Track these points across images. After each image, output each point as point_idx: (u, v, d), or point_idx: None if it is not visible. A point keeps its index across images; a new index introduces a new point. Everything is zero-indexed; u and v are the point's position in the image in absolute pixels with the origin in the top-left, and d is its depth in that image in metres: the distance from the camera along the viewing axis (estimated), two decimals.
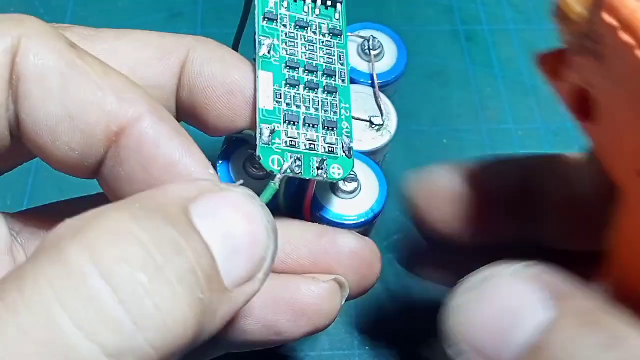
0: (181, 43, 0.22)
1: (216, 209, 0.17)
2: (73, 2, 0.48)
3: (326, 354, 0.36)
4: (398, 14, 0.49)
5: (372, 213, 0.26)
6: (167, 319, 0.14)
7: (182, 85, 0.22)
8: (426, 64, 0.47)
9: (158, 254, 0.15)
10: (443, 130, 0.44)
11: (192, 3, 0.49)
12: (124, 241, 0.14)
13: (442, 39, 0.48)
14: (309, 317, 0.21)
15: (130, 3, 0.48)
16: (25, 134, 0.19)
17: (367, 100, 0.29)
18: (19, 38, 0.18)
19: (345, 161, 0.24)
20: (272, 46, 0.23)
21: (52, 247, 0.14)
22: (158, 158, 0.19)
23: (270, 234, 0.18)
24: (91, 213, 0.16)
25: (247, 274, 0.17)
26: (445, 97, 0.46)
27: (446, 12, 0.50)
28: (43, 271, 0.14)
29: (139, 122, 0.19)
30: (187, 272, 0.15)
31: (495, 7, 0.50)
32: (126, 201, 0.16)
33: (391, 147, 0.43)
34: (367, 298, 0.38)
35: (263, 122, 0.22)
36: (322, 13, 0.25)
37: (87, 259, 0.14)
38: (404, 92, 0.46)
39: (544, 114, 0.45)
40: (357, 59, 0.30)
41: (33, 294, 0.13)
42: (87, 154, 0.19)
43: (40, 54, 0.18)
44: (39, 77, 0.18)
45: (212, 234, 0.16)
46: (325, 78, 0.24)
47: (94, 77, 0.18)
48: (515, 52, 0.48)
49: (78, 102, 0.18)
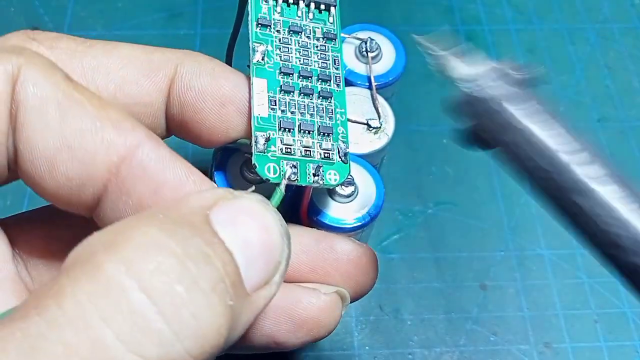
0: (168, 58, 0.22)
1: (234, 216, 0.17)
2: (73, 2, 0.48)
3: (326, 354, 0.36)
4: (398, 14, 0.49)
5: (369, 216, 0.26)
6: (204, 327, 0.15)
7: (171, 100, 0.22)
8: (426, 64, 0.47)
9: (191, 264, 0.15)
10: (443, 130, 0.44)
11: (192, 3, 0.49)
12: (159, 253, 0.15)
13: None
14: (309, 328, 0.21)
15: (130, 3, 0.48)
16: (21, 165, 0.19)
17: (365, 102, 0.28)
18: (18, 67, 0.18)
19: (341, 167, 0.23)
20: (265, 52, 0.23)
21: (86, 261, 0.15)
22: (167, 180, 0.19)
23: (284, 239, 0.18)
24: (120, 226, 0.16)
25: (265, 278, 0.18)
26: (445, 97, 0.46)
27: (446, 12, 0.50)
28: (81, 286, 0.14)
29: (138, 149, 0.19)
30: (217, 280, 0.16)
31: (495, 7, 0.50)
32: (150, 213, 0.17)
33: (391, 147, 0.43)
34: (367, 298, 0.38)
35: (258, 129, 0.22)
36: (315, 17, 0.25)
37: (124, 272, 0.14)
38: (404, 92, 0.46)
39: None
40: (355, 60, 0.30)
41: (74, 310, 0.14)
42: (85, 185, 0.19)
43: (38, 84, 0.18)
44: (38, 107, 0.18)
45: (233, 242, 0.17)
46: (320, 83, 0.24)
47: (91, 108, 0.19)
48: (515, 52, 0.48)
49: (77, 132, 0.18)
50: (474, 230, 0.40)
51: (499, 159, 0.19)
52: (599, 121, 0.45)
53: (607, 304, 0.38)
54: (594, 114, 0.45)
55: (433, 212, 0.41)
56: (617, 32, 0.49)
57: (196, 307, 0.15)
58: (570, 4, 0.51)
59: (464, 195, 0.42)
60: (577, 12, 0.50)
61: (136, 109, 0.22)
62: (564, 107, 0.45)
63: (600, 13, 0.51)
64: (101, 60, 0.21)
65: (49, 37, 0.21)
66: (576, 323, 0.37)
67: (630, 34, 0.49)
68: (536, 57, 0.48)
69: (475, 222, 0.40)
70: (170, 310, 0.14)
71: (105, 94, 0.21)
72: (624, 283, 0.18)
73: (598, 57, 0.48)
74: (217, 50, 0.27)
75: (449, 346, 0.36)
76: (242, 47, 0.25)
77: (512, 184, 0.42)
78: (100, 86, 0.21)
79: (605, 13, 0.51)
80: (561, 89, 0.46)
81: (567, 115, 0.19)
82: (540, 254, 0.40)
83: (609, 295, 0.38)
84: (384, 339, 0.37)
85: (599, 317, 0.38)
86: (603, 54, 0.48)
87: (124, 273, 0.14)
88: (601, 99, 0.46)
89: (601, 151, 0.18)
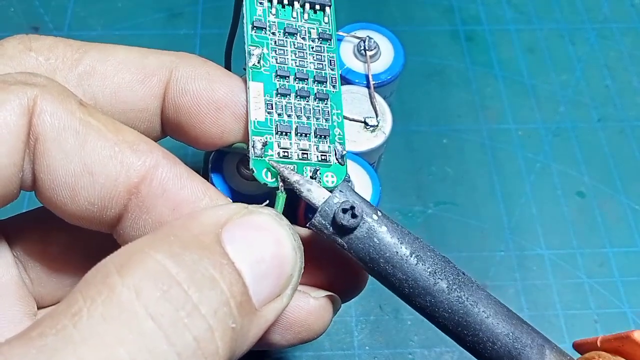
0: (163, 63, 0.22)
1: (246, 232, 0.18)
2: (73, 2, 0.48)
3: (326, 354, 0.36)
4: (398, 14, 0.49)
5: None
6: (204, 349, 0.16)
7: (166, 104, 0.22)
8: (426, 63, 0.47)
9: (194, 291, 0.16)
10: (443, 130, 0.44)
11: (192, 3, 0.49)
12: (164, 282, 0.16)
13: (442, 39, 0.48)
14: (297, 331, 0.21)
15: (130, 3, 0.48)
16: (43, 192, 0.19)
17: (362, 101, 0.29)
18: (34, 99, 0.19)
19: (338, 169, 0.23)
20: (261, 55, 0.23)
21: (101, 283, 0.16)
22: (186, 197, 0.20)
23: (297, 252, 0.19)
24: (132, 248, 0.17)
25: (275, 291, 0.18)
26: (445, 97, 0.46)
27: (446, 12, 0.50)
28: (96, 308, 0.15)
29: (157, 170, 0.20)
30: (220, 304, 0.16)
31: (495, 7, 0.50)
32: (163, 234, 0.17)
33: (391, 147, 0.43)
34: (367, 298, 0.38)
35: (255, 134, 0.22)
36: (310, 17, 0.25)
37: (135, 299, 0.15)
38: (404, 92, 0.46)
39: (544, 114, 0.45)
40: (353, 59, 0.30)
41: (89, 329, 0.15)
42: (107, 207, 0.20)
43: (55, 113, 0.19)
44: (57, 136, 0.19)
45: (243, 259, 0.17)
46: (316, 85, 0.24)
47: (108, 133, 0.19)
48: (515, 52, 0.48)
49: (96, 158, 0.19)
50: (474, 230, 0.40)
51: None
52: (599, 121, 0.45)
53: (607, 304, 0.38)
54: (594, 114, 0.45)
55: (433, 212, 0.41)
56: (617, 32, 0.49)
57: (198, 330, 0.16)
58: (570, 4, 0.51)
59: (464, 195, 0.42)
60: (577, 12, 0.50)
61: (132, 114, 0.22)
62: (564, 107, 0.46)
63: (600, 13, 0.51)
64: (96, 66, 0.21)
65: (45, 45, 0.21)
66: (576, 323, 0.37)
67: (630, 34, 0.49)
68: (536, 57, 0.48)
69: (475, 222, 0.40)
70: (174, 334, 0.15)
71: (101, 100, 0.21)
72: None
73: (598, 57, 0.48)
74: (217, 50, 0.27)
75: (449, 346, 0.36)
76: (240, 48, 0.25)
77: (512, 184, 0.42)
78: (96, 93, 0.21)
79: (605, 13, 0.51)
80: (561, 89, 0.46)
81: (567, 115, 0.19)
82: (540, 254, 0.40)
83: (609, 295, 0.38)
84: (384, 339, 0.37)
85: (599, 317, 0.38)
86: (603, 54, 0.48)
87: (135, 299, 0.15)
88: (601, 99, 0.46)
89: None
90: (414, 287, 0.20)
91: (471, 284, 0.20)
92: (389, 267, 0.20)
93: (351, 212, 0.19)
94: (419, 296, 0.20)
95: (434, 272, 0.20)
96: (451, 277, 0.20)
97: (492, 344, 0.20)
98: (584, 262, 0.39)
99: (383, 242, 0.20)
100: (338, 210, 0.19)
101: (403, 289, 0.20)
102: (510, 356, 0.20)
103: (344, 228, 0.19)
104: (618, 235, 0.40)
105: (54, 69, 0.21)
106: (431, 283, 0.20)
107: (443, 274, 0.20)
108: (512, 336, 0.20)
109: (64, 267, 0.22)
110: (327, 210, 0.20)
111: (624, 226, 0.41)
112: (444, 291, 0.20)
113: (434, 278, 0.20)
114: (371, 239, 0.20)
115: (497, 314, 0.20)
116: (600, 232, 0.40)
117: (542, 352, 0.20)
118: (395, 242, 0.20)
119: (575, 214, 0.41)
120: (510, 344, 0.20)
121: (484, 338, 0.20)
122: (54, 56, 0.21)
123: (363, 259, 0.20)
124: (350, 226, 0.19)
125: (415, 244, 0.20)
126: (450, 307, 0.20)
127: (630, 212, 0.41)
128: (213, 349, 0.16)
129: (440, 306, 0.20)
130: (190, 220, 0.18)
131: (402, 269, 0.20)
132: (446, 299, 0.20)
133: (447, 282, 0.20)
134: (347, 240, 0.20)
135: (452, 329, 0.20)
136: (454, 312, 0.20)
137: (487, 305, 0.20)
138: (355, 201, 0.20)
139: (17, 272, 0.21)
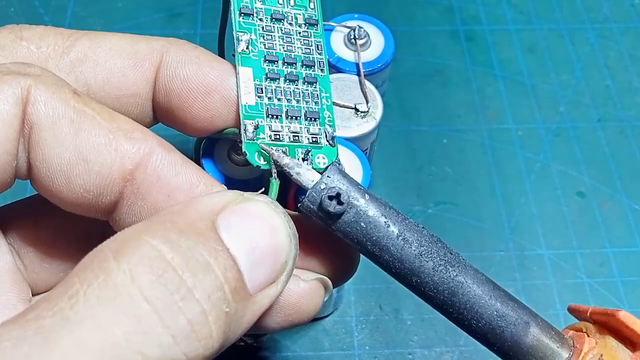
0: (154, 48, 0.22)
1: (241, 220, 0.18)
2: (73, 2, 0.48)
3: (326, 354, 0.36)
4: (398, 14, 0.49)
5: None
6: (198, 332, 0.16)
7: (157, 89, 0.22)
8: (426, 63, 0.47)
9: (189, 276, 0.16)
10: (443, 130, 0.44)
11: (192, 3, 0.49)
12: (159, 266, 0.16)
13: (442, 39, 0.48)
14: (287, 314, 0.22)
15: (130, 3, 0.48)
16: (39, 180, 0.19)
17: (353, 88, 0.29)
18: (27, 88, 0.19)
19: (329, 150, 0.24)
20: (250, 41, 0.23)
21: (98, 268, 0.16)
22: (180, 184, 0.20)
23: (291, 239, 0.19)
24: (129, 234, 0.17)
25: (270, 278, 0.19)
26: (445, 97, 0.46)
27: (446, 12, 0.50)
28: (92, 291, 0.16)
29: (151, 157, 0.20)
30: (214, 289, 0.17)
31: (495, 7, 0.50)
32: (159, 220, 0.18)
33: (391, 147, 0.43)
34: (367, 298, 0.38)
35: (246, 117, 0.22)
36: (296, 3, 0.25)
37: (130, 282, 0.16)
38: (404, 92, 0.46)
39: (544, 114, 0.45)
40: (344, 48, 0.30)
41: (85, 311, 0.15)
42: (102, 194, 0.20)
43: (49, 102, 0.19)
44: (51, 126, 0.19)
45: (238, 246, 0.18)
46: (304, 69, 0.24)
47: (102, 121, 0.19)
48: (515, 52, 0.48)
49: (91, 146, 0.19)
50: (474, 230, 0.40)
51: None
52: (599, 121, 0.45)
53: (607, 304, 0.38)
54: (594, 114, 0.45)
55: (433, 212, 0.41)
56: (617, 32, 0.49)
57: (192, 314, 0.16)
58: (570, 4, 0.51)
59: (464, 195, 0.42)
60: (577, 12, 0.50)
61: (124, 99, 0.22)
62: (564, 107, 0.46)
63: (600, 13, 0.51)
64: (88, 53, 0.22)
65: (36, 34, 0.21)
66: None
67: (630, 34, 0.49)
68: (536, 57, 0.48)
69: (475, 222, 0.41)
70: (169, 317, 0.16)
71: (93, 87, 0.22)
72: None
73: (598, 57, 0.48)
74: (217, 50, 0.27)
75: (449, 346, 0.36)
76: (228, 43, 0.26)
77: (512, 184, 0.42)
78: (88, 80, 0.22)
79: (605, 13, 0.51)
80: (561, 89, 0.46)
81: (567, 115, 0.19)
82: (540, 254, 0.40)
83: (609, 295, 0.38)
84: (384, 339, 0.37)
85: None
86: (603, 54, 0.48)
87: (130, 282, 0.16)
88: (601, 99, 0.46)
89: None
90: (400, 269, 0.21)
91: (458, 263, 0.21)
92: (376, 249, 0.20)
93: (337, 199, 0.20)
94: (405, 277, 0.21)
95: (420, 254, 0.20)
96: (437, 258, 0.21)
97: (476, 321, 0.21)
98: (584, 262, 0.39)
99: (370, 225, 0.20)
100: (324, 197, 0.20)
101: (391, 269, 0.21)
102: (494, 333, 0.20)
103: (331, 214, 0.20)
104: (618, 235, 0.40)
105: (46, 57, 0.21)
106: (417, 264, 0.20)
107: (429, 255, 0.21)
108: (497, 314, 0.21)
109: (56, 252, 0.23)
110: (315, 196, 0.20)
111: (624, 226, 0.41)
112: (429, 272, 0.20)
113: (420, 259, 0.20)
114: (358, 222, 0.20)
115: (483, 292, 0.21)
116: (600, 232, 0.41)
117: (526, 328, 0.21)
118: (383, 224, 0.20)
119: (575, 214, 0.41)
120: (494, 322, 0.20)
121: (469, 316, 0.21)
122: (45, 44, 0.21)
123: (351, 241, 0.20)
124: (337, 212, 0.20)
125: (404, 224, 0.20)
126: (436, 287, 0.20)
127: (630, 212, 0.41)
128: (207, 332, 0.16)
129: (426, 286, 0.21)
130: (186, 207, 0.18)
131: (388, 251, 0.20)
132: (431, 280, 0.20)
133: (433, 263, 0.20)
134: (335, 224, 0.20)
135: (439, 306, 0.21)
136: (439, 291, 0.21)
137: (474, 284, 0.21)
138: (342, 187, 0.20)
139: (11, 258, 0.21)
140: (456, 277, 0.21)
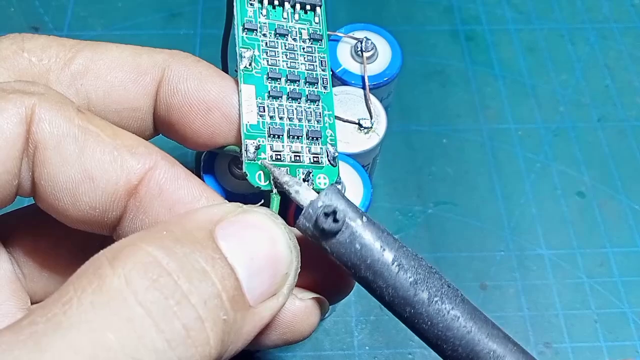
0: (156, 61, 0.22)
1: (240, 230, 0.18)
2: (73, 2, 0.48)
3: (326, 354, 0.36)
4: (398, 14, 0.49)
5: None
6: (194, 338, 0.16)
7: (158, 103, 0.22)
8: (426, 63, 0.47)
9: (184, 281, 0.16)
10: (443, 130, 0.44)
11: (192, 3, 0.49)
12: (154, 271, 0.16)
13: (442, 39, 0.48)
14: (282, 332, 0.21)
15: (130, 3, 0.48)
16: (44, 199, 0.20)
17: (357, 102, 0.28)
18: (32, 107, 0.19)
19: (330, 170, 0.24)
20: (252, 57, 0.23)
21: (92, 274, 0.16)
22: (182, 198, 0.20)
23: (292, 251, 0.19)
24: (124, 242, 0.17)
25: (270, 289, 0.18)
26: (445, 97, 0.46)
27: (446, 12, 0.50)
28: (86, 296, 0.15)
29: (154, 171, 0.20)
30: (210, 296, 0.16)
31: (495, 7, 0.50)
32: (156, 229, 0.18)
33: (391, 147, 0.43)
34: (367, 298, 0.38)
35: (248, 137, 0.22)
36: (301, 18, 0.24)
37: (124, 286, 0.16)
38: (404, 92, 0.46)
39: (544, 114, 0.45)
40: (350, 60, 0.29)
41: (79, 315, 0.15)
42: (108, 210, 0.20)
43: (54, 121, 0.19)
44: (56, 144, 0.19)
45: (237, 255, 0.18)
46: (307, 86, 0.24)
47: (106, 138, 0.19)
48: (515, 52, 0.48)
49: (97, 163, 0.19)
50: (474, 230, 0.40)
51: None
52: (599, 121, 0.45)
53: (607, 304, 0.38)
54: (594, 114, 0.45)
55: (433, 212, 0.41)
56: (617, 32, 0.49)
57: (187, 319, 0.16)
58: (570, 4, 0.51)
59: (464, 195, 0.42)
60: (577, 12, 0.50)
61: (125, 113, 0.22)
62: (564, 107, 0.46)
63: (600, 13, 0.51)
64: (89, 66, 0.21)
65: (38, 45, 0.21)
66: (576, 323, 0.37)
67: (630, 34, 0.49)
68: (536, 57, 0.48)
69: (475, 222, 0.40)
70: (163, 321, 0.16)
71: (94, 99, 0.21)
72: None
73: (598, 57, 0.48)
74: (217, 50, 0.27)
75: None
76: (231, 54, 0.25)
77: (512, 184, 0.42)
78: (89, 92, 0.21)
79: (605, 13, 0.51)
80: (561, 89, 0.46)
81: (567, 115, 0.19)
82: (540, 254, 0.40)
83: (609, 295, 0.38)
84: (384, 339, 0.37)
85: (599, 317, 0.38)
86: (603, 54, 0.48)
87: (125, 287, 0.16)
88: (601, 99, 0.46)
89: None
90: (393, 296, 0.20)
91: (455, 297, 0.20)
92: (370, 273, 0.20)
93: (333, 217, 0.19)
94: (398, 305, 0.20)
95: (416, 282, 0.20)
96: (434, 289, 0.20)
97: None
98: (584, 262, 0.39)
99: (365, 248, 0.20)
100: (320, 214, 0.19)
101: (383, 297, 0.20)
102: None
103: (326, 232, 0.19)
104: (618, 235, 0.40)
105: (47, 69, 0.21)
106: (411, 293, 0.20)
107: (425, 284, 0.20)
108: (493, 355, 0.20)
109: (55, 262, 0.23)
110: (311, 213, 0.20)
111: (624, 226, 0.41)
112: (424, 302, 0.20)
113: (415, 288, 0.20)
114: (353, 244, 0.20)
115: (480, 330, 0.20)
116: (600, 232, 0.41)
117: None
118: (378, 249, 0.20)
119: (575, 214, 0.41)
120: None
121: (463, 354, 0.20)
122: (46, 56, 0.21)
123: (345, 263, 0.20)
124: (331, 230, 0.19)
125: (401, 251, 0.20)
126: (430, 320, 0.20)
127: (630, 212, 0.41)
128: (204, 339, 0.16)
129: (420, 318, 0.20)
130: (185, 217, 0.18)
131: (382, 277, 0.20)
132: (426, 311, 0.19)
133: (428, 293, 0.19)
134: (330, 244, 0.20)
135: (432, 341, 0.20)
136: (433, 324, 0.20)
137: (471, 320, 0.20)
138: (339, 205, 0.20)
139: (10, 267, 0.21)
140: (452, 310, 0.19)
